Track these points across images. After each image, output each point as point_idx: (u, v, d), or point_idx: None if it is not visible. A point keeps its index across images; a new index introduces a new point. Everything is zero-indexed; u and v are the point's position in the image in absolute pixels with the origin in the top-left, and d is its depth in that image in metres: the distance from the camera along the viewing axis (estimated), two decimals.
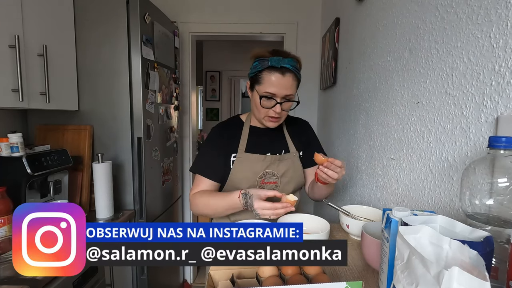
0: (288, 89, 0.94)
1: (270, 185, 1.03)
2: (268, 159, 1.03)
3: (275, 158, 1.03)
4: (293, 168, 1.06)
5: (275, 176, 1.03)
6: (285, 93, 0.94)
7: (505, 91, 0.55)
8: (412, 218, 0.49)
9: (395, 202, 0.96)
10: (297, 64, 0.97)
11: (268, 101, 0.95)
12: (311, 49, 2.33)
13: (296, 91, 0.98)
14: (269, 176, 1.02)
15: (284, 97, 0.95)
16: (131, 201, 1.59)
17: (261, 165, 1.01)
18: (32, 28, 1.20)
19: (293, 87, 0.95)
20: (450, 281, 0.32)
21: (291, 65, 0.93)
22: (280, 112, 0.97)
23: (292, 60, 0.94)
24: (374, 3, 1.18)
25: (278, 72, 0.92)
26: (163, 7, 1.83)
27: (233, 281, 0.61)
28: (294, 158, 1.07)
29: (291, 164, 1.06)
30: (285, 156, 1.05)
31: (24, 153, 1.19)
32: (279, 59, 0.92)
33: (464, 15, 0.66)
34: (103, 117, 1.53)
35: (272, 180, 1.03)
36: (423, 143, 0.81)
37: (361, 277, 0.68)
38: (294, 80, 0.95)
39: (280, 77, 0.92)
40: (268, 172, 1.02)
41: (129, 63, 1.51)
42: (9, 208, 1.10)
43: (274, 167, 1.02)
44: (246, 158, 1.02)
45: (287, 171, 1.04)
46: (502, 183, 0.46)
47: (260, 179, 1.02)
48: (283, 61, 0.92)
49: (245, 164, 1.02)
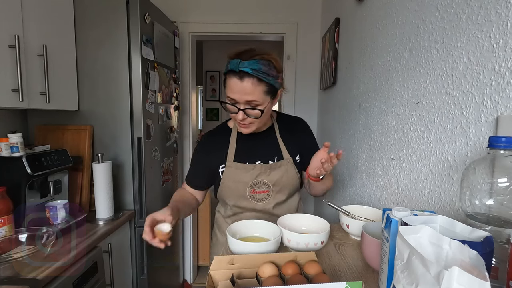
0: (249, 94, 0.85)
1: (261, 194, 1.00)
2: (257, 168, 0.98)
3: (266, 167, 0.99)
4: (286, 175, 1.01)
5: (266, 185, 0.99)
6: (246, 99, 0.86)
7: (505, 91, 0.55)
8: (412, 218, 0.49)
9: (395, 202, 0.96)
10: (266, 67, 0.85)
11: (232, 107, 0.89)
12: (311, 49, 2.33)
13: (266, 96, 0.88)
14: (260, 185, 0.99)
15: (248, 103, 0.87)
16: (131, 201, 1.59)
17: (250, 175, 0.98)
18: (32, 28, 1.20)
19: (256, 92, 0.85)
20: (450, 281, 0.32)
21: (252, 69, 0.82)
22: (246, 119, 0.90)
23: (255, 63, 0.83)
24: (374, 3, 1.18)
25: (236, 77, 0.84)
26: (163, 7, 1.83)
27: (233, 281, 0.61)
28: (288, 164, 1.01)
29: (284, 172, 1.01)
30: (278, 164, 1.00)
31: (24, 153, 1.19)
32: (237, 62, 0.83)
33: (464, 15, 0.66)
34: (103, 117, 1.53)
35: (263, 189, 1.00)
36: (423, 143, 0.81)
37: (361, 277, 0.68)
38: (257, 85, 0.84)
39: (238, 82, 0.84)
40: (258, 181, 0.99)
41: (129, 63, 1.51)
42: (9, 208, 1.10)
43: (265, 176, 0.99)
44: (234, 168, 0.99)
45: (279, 180, 1.00)
46: (502, 183, 0.45)
47: (250, 189, 0.99)
48: (242, 64, 0.83)
49: (234, 174, 0.99)
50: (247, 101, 0.86)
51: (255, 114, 0.89)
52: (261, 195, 1.00)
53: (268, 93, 0.88)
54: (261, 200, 1.01)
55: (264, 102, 0.88)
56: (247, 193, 1.00)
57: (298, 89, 2.39)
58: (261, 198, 1.01)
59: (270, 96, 0.89)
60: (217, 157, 1.02)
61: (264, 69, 0.84)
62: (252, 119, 0.91)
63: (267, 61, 0.86)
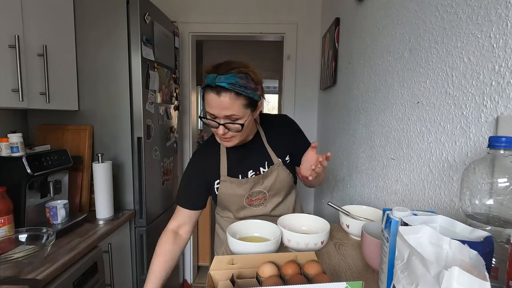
0: (227, 109, 0.83)
1: (258, 201, 1.03)
2: (251, 180, 1.00)
3: (259, 178, 1.01)
4: (279, 179, 1.03)
5: (262, 193, 1.02)
6: (225, 113, 0.84)
7: (505, 91, 0.55)
8: (412, 218, 0.49)
9: (395, 202, 0.96)
10: (243, 80, 0.83)
11: (212, 122, 0.88)
12: (311, 49, 2.33)
13: (246, 109, 0.86)
14: (256, 194, 1.02)
15: (228, 118, 0.85)
16: (131, 201, 1.59)
17: (244, 188, 1.00)
18: (32, 28, 1.20)
19: (235, 106, 0.83)
20: (450, 281, 0.32)
21: (229, 83, 0.81)
22: (227, 133, 0.89)
23: (232, 77, 0.81)
24: (374, 3, 1.18)
25: (213, 92, 0.82)
26: (163, 7, 1.83)
27: (233, 281, 0.61)
28: (279, 168, 1.03)
29: (276, 176, 1.02)
30: (269, 171, 1.02)
31: (24, 153, 1.19)
32: (213, 77, 0.81)
33: (464, 15, 0.66)
34: (103, 117, 1.53)
35: (260, 196, 1.03)
36: (423, 143, 0.81)
37: (361, 277, 0.68)
38: (235, 99, 0.83)
39: (215, 97, 0.82)
40: (254, 191, 1.01)
41: (129, 63, 1.51)
42: (9, 208, 1.10)
43: (259, 186, 1.01)
44: (229, 183, 0.99)
45: (273, 185, 1.02)
46: (502, 183, 0.45)
47: (247, 199, 1.02)
48: (219, 79, 0.81)
49: (229, 188, 1.00)
50: (226, 116, 0.85)
51: (236, 128, 0.88)
52: (258, 202, 1.03)
53: (248, 106, 0.86)
54: (259, 206, 1.04)
55: (244, 115, 0.87)
56: (244, 203, 1.03)
57: (298, 89, 2.39)
58: (258, 204, 1.04)
59: (250, 109, 0.88)
60: (211, 173, 1.01)
61: (242, 83, 0.82)
62: (233, 133, 0.90)
63: (244, 74, 0.84)
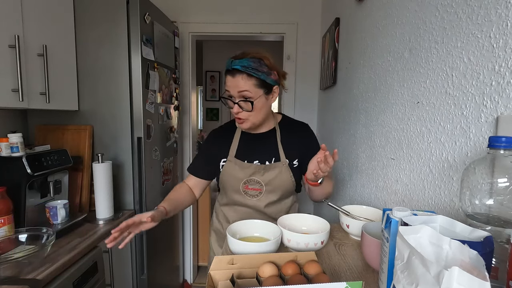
0: (240, 86, 0.95)
1: (254, 191, 1.06)
2: (253, 167, 1.05)
3: (261, 167, 1.05)
4: (279, 177, 1.05)
5: (259, 184, 1.05)
6: (237, 90, 0.95)
7: (505, 91, 0.55)
8: (412, 218, 0.49)
9: (395, 202, 0.96)
10: (256, 64, 0.95)
11: (228, 101, 1.00)
12: (311, 49, 2.33)
13: (258, 89, 0.96)
14: (253, 183, 1.05)
15: (241, 95, 0.96)
16: (131, 201, 1.59)
17: (245, 172, 1.05)
18: (32, 28, 1.20)
19: (247, 85, 0.95)
20: (450, 281, 0.32)
21: (242, 65, 0.94)
22: (240, 112, 0.98)
23: (246, 61, 0.94)
24: (374, 3, 1.18)
25: (229, 74, 0.96)
26: (163, 7, 1.83)
27: (233, 281, 0.61)
28: (283, 167, 1.05)
29: (278, 174, 1.05)
30: (272, 166, 1.05)
31: (24, 153, 1.19)
32: (230, 62, 0.96)
33: (464, 15, 0.66)
34: (103, 117, 1.53)
35: (256, 187, 1.05)
36: (423, 143, 0.81)
37: (361, 277, 0.68)
38: (247, 80, 0.94)
39: (231, 79, 0.96)
40: (252, 179, 1.05)
41: (129, 63, 1.51)
42: (9, 208, 1.10)
43: (258, 176, 1.05)
44: (233, 164, 1.07)
45: (272, 180, 1.05)
46: (502, 183, 0.46)
47: (244, 185, 1.06)
48: (234, 63, 0.95)
49: (231, 169, 1.07)
50: (239, 93, 0.96)
51: (248, 106, 0.97)
52: (254, 192, 1.06)
53: (260, 87, 0.96)
54: (253, 197, 1.06)
55: (255, 94, 0.96)
56: (240, 188, 1.06)
57: (298, 89, 2.39)
58: (253, 194, 1.06)
59: (263, 90, 0.97)
60: (220, 151, 1.10)
61: (254, 66, 0.94)
62: (247, 113, 0.98)
63: (257, 59, 0.96)
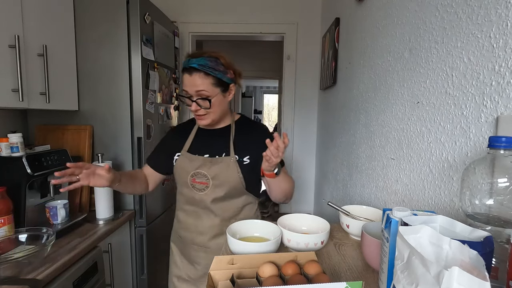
0: (198, 85, 0.97)
1: (200, 185, 1.06)
2: (200, 159, 1.06)
3: (208, 160, 1.06)
4: (226, 172, 1.04)
5: (205, 177, 1.05)
6: (195, 89, 0.97)
7: (505, 91, 0.55)
8: (412, 218, 0.49)
9: (395, 202, 0.96)
10: (212, 63, 0.97)
11: (186, 100, 1.01)
12: (311, 49, 2.33)
13: (215, 88, 0.98)
14: (200, 176, 1.05)
15: (199, 94, 0.98)
16: (131, 201, 1.59)
17: (192, 165, 1.06)
18: (32, 28, 1.20)
19: (204, 84, 0.97)
20: (450, 281, 0.32)
21: (199, 64, 0.95)
22: (199, 110, 1.00)
23: (202, 59, 0.96)
24: (374, 3, 1.18)
25: (187, 72, 0.98)
26: (163, 7, 1.83)
27: (233, 281, 0.61)
28: (230, 162, 1.05)
29: (225, 168, 1.04)
30: (220, 159, 1.05)
31: (24, 153, 1.19)
32: (187, 61, 0.98)
33: (464, 15, 0.66)
34: (103, 117, 1.53)
35: (203, 181, 1.05)
36: (423, 143, 0.81)
37: (361, 277, 0.68)
38: (204, 78, 0.96)
39: (188, 77, 0.98)
40: (198, 172, 1.05)
41: (129, 63, 1.51)
42: (9, 208, 1.10)
43: (205, 169, 1.05)
44: (183, 157, 1.09)
45: (218, 174, 1.04)
46: (502, 183, 0.45)
47: (191, 178, 1.07)
48: (191, 61, 0.96)
49: (182, 162, 1.09)
50: (197, 92, 0.97)
51: (205, 104, 0.99)
52: (200, 186, 1.06)
53: (217, 85, 0.99)
54: (200, 191, 1.07)
55: (212, 93, 0.98)
56: (188, 181, 1.07)
57: (298, 89, 2.39)
58: (200, 188, 1.07)
59: (220, 88, 1.00)
60: (176, 146, 1.12)
61: (211, 64, 0.96)
62: (205, 111, 1.01)
63: (214, 58, 0.98)
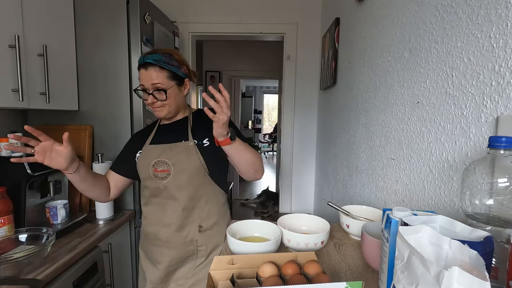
0: (154, 79, 1.02)
1: (163, 173, 1.07)
2: (160, 148, 1.09)
3: (167, 147, 1.08)
4: (186, 156, 1.06)
5: (166, 164, 1.06)
6: (151, 82, 1.02)
7: (505, 91, 0.55)
8: (412, 218, 0.49)
9: (395, 202, 0.96)
10: (166, 58, 1.03)
11: (143, 93, 1.06)
12: (311, 49, 2.33)
13: (170, 81, 1.04)
14: (161, 164, 1.07)
15: (155, 87, 1.02)
16: (131, 201, 1.59)
17: (153, 155, 1.08)
18: (32, 28, 1.20)
19: (159, 77, 1.02)
20: (450, 281, 0.32)
21: (154, 59, 1.01)
22: (155, 102, 1.04)
23: (157, 55, 1.02)
24: (374, 3, 1.18)
25: (143, 68, 1.03)
26: (163, 7, 1.83)
27: (233, 281, 0.61)
28: (189, 146, 1.07)
29: (185, 152, 1.06)
30: (178, 145, 1.08)
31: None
32: (142, 57, 1.03)
33: (464, 15, 0.66)
34: (103, 117, 1.53)
35: (164, 168, 1.07)
36: (423, 143, 0.81)
37: (361, 277, 0.68)
38: (159, 72, 1.02)
39: (144, 72, 1.03)
40: (159, 160, 1.07)
41: (129, 63, 1.51)
42: (9, 208, 1.10)
43: (165, 156, 1.07)
44: (144, 152, 1.11)
45: (178, 160, 1.06)
46: (502, 183, 0.45)
47: (153, 168, 1.07)
48: (146, 58, 1.02)
49: (144, 156, 1.11)
50: (153, 85, 1.02)
51: (161, 97, 1.04)
52: (163, 174, 1.07)
53: (172, 78, 1.04)
54: (163, 179, 1.07)
55: (168, 85, 1.04)
56: (150, 172, 1.07)
57: (298, 89, 2.39)
58: (162, 176, 1.07)
59: (175, 82, 1.05)
60: (139, 145, 1.14)
61: (165, 59, 1.03)
62: (161, 103, 1.05)
63: (168, 54, 1.04)
